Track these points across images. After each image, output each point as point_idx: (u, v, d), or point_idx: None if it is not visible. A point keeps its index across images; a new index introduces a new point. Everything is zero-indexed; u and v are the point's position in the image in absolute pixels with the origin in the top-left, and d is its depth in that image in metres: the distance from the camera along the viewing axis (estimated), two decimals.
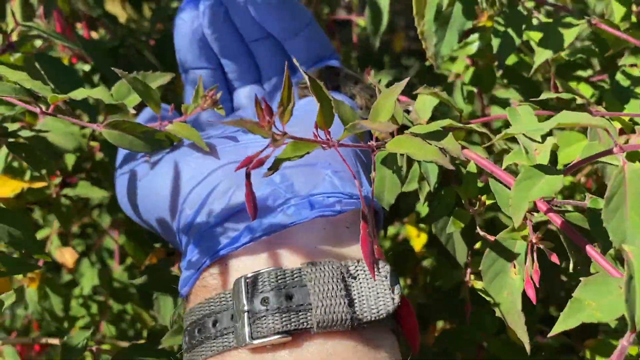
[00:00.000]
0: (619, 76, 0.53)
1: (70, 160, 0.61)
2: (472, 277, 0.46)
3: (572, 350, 0.61)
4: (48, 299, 0.65)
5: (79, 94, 0.42)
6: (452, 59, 0.69)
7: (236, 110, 0.53)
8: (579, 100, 0.44)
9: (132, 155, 0.46)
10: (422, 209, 0.61)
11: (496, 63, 0.59)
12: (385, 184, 0.41)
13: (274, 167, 0.33)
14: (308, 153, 0.34)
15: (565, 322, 0.31)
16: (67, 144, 0.54)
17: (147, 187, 0.43)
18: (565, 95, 0.44)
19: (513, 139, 0.56)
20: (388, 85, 0.50)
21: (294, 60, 0.36)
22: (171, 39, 0.70)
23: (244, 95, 0.53)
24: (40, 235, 0.68)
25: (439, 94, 0.43)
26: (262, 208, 0.38)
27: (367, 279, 0.36)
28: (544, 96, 0.45)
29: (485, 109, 0.65)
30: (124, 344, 0.68)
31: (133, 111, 0.44)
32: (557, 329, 0.31)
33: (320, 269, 0.36)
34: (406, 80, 0.36)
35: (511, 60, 0.61)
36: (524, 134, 0.43)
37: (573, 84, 0.58)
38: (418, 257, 0.69)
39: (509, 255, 0.39)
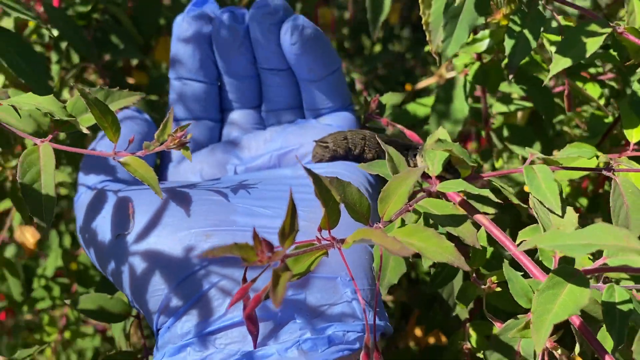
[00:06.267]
0: (636, 86, 0.48)
1: (29, 143, 0.54)
2: (472, 335, 0.42)
3: None
4: (5, 283, 0.61)
5: (26, 100, 0.36)
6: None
7: (226, 126, 0.47)
8: (602, 158, 0.39)
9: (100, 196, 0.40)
10: None
11: (505, 61, 0.54)
12: (389, 262, 0.37)
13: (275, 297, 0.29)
14: (311, 265, 0.29)
15: None
16: (25, 127, 0.48)
17: (120, 254, 0.36)
18: (588, 154, 0.39)
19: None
20: (394, 106, 0.45)
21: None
22: (150, 2, 0.62)
23: (239, 117, 0.47)
24: None
25: (452, 150, 0.38)
26: (267, 329, 0.32)
27: None
28: (563, 153, 0.40)
29: (487, 110, 0.60)
30: (88, 329, 0.66)
31: (87, 131, 0.37)
32: None
33: None
34: (422, 168, 0.32)
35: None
36: (539, 200, 0.39)
37: (579, 84, 0.54)
38: None
39: (512, 353, 0.36)
